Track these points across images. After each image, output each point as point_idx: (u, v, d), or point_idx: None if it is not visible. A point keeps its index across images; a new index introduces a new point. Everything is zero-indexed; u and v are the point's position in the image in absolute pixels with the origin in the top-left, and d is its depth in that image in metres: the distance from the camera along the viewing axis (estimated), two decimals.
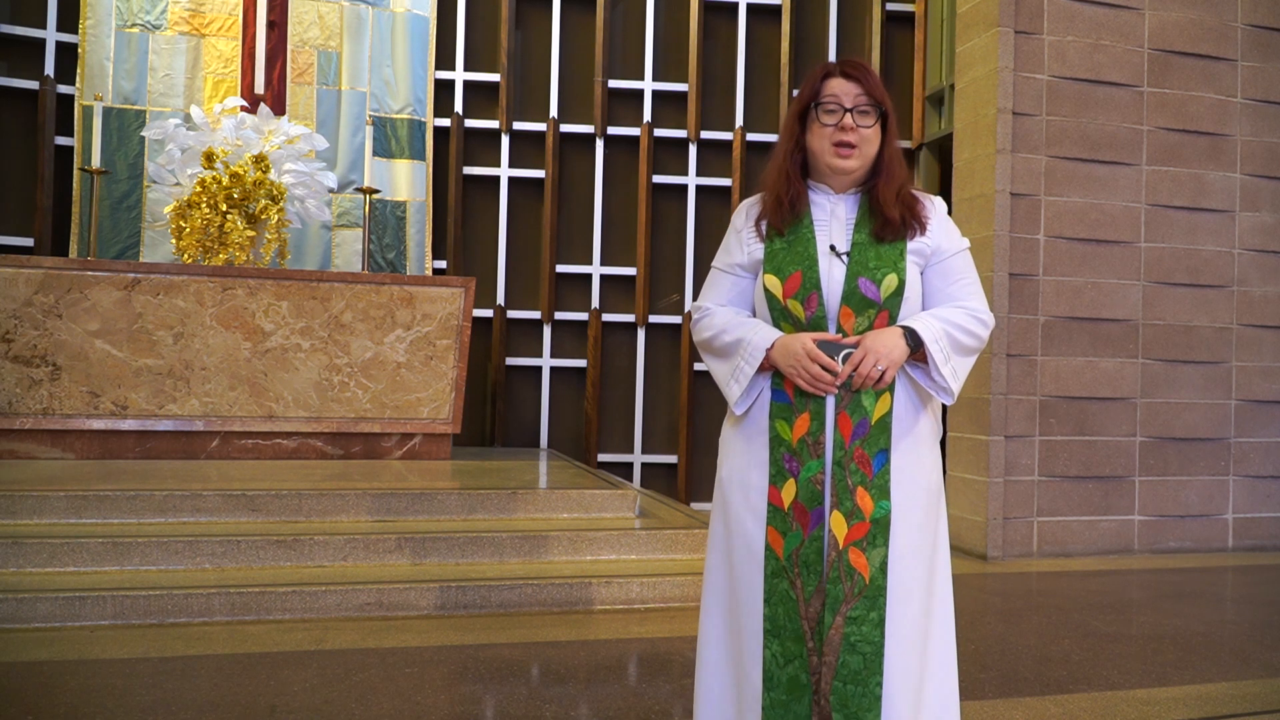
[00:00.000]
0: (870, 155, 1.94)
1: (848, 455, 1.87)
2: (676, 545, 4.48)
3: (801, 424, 1.89)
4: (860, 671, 1.83)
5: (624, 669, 3.40)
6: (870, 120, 1.93)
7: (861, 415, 1.87)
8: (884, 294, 1.89)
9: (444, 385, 5.68)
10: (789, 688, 1.86)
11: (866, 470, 1.87)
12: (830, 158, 1.93)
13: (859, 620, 1.83)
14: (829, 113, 1.93)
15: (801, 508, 1.87)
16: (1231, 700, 3.21)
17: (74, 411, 5.18)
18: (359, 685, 3.08)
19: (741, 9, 7.03)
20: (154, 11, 6.22)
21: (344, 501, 4.44)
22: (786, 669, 1.86)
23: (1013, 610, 4.46)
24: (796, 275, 1.91)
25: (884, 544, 1.85)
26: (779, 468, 1.90)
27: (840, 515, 1.85)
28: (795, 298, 1.91)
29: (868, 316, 1.89)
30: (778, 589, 1.88)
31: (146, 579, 3.83)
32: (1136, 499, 5.90)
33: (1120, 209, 5.90)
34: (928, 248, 1.96)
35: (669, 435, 6.95)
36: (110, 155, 6.04)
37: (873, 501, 1.86)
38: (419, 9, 6.66)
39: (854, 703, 1.82)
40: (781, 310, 1.93)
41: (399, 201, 6.56)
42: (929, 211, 1.98)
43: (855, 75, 1.93)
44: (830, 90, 1.93)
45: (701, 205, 7.03)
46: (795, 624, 1.86)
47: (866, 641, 1.83)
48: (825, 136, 1.93)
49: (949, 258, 1.98)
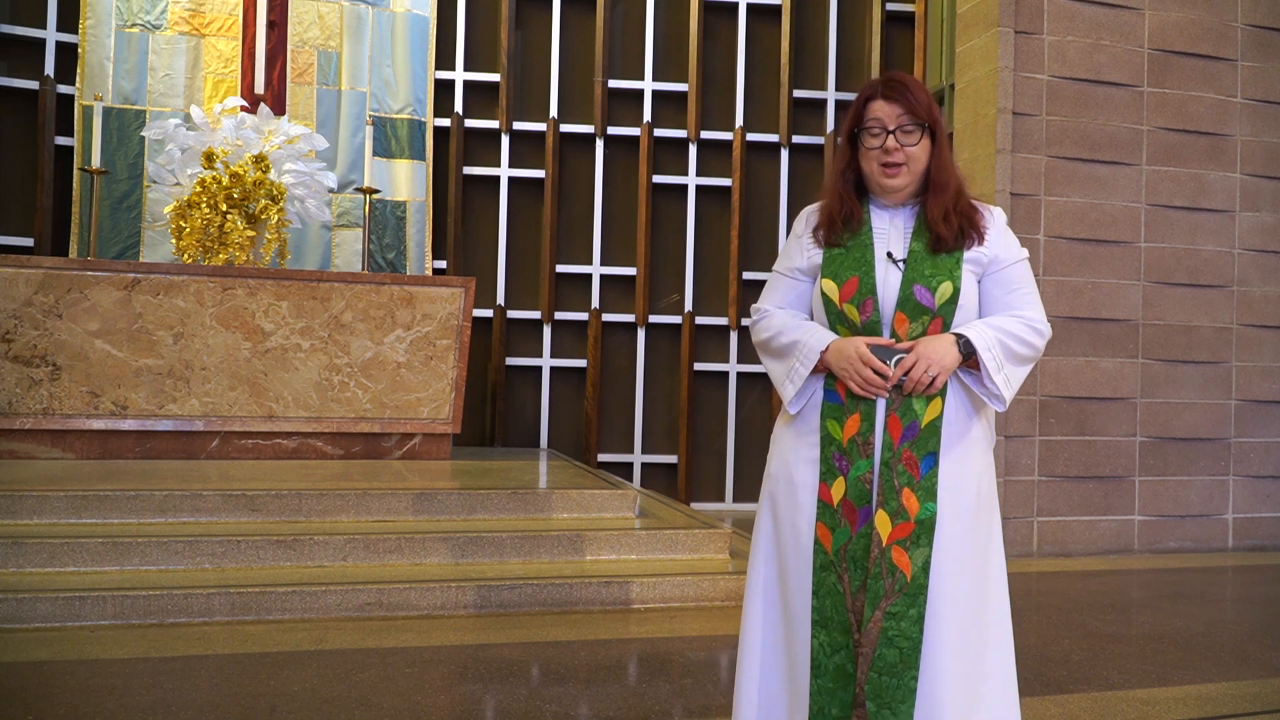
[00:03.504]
0: (919, 171, 1.99)
1: (895, 457, 1.92)
2: (676, 545, 4.48)
3: (852, 424, 1.94)
4: (896, 665, 1.88)
5: (624, 669, 3.40)
6: (915, 138, 1.97)
7: (912, 418, 1.93)
8: (939, 301, 1.94)
9: (444, 385, 5.68)
10: (835, 676, 1.93)
11: (914, 472, 1.92)
12: (879, 178, 1.99)
13: (898, 616, 1.89)
14: (873, 135, 1.98)
15: (850, 505, 1.93)
16: (1231, 700, 3.21)
17: (74, 411, 5.18)
18: (359, 685, 3.08)
19: (741, 9, 7.03)
20: (154, 11, 6.22)
21: (344, 501, 4.44)
22: (833, 658, 1.93)
23: (1013, 610, 4.45)
24: (853, 280, 1.96)
25: (928, 544, 1.90)
26: (829, 465, 1.96)
27: (885, 514, 1.91)
28: (851, 302, 1.96)
29: (922, 323, 1.94)
30: (826, 582, 1.94)
31: (146, 579, 3.83)
32: (1136, 499, 5.90)
33: (1120, 209, 5.90)
34: (985, 257, 2.00)
35: (669, 435, 6.95)
36: (110, 155, 6.04)
37: (918, 503, 1.91)
38: (419, 9, 6.66)
39: (888, 694, 1.88)
40: (838, 314, 1.98)
41: (399, 201, 6.56)
42: (988, 221, 2.02)
43: (895, 95, 1.98)
44: (873, 114, 1.99)
45: (701, 205, 7.03)
46: (842, 616, 1.92)
47: (904, 637, 1.89)
48: (873, 159, 1.99)
49: (1007, 267, 2.02)
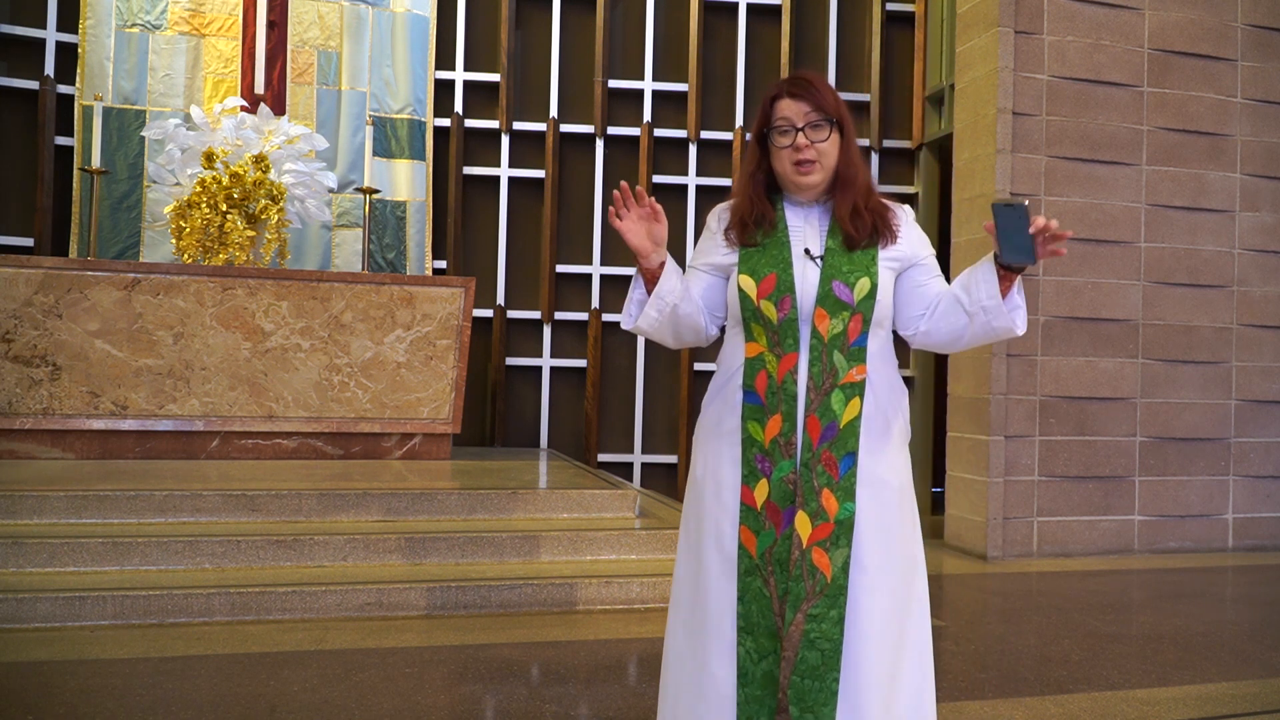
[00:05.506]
0: (831, 166, 1.99)
1: (815, 457, 1.91)
2: (676, 545, 4.47)
3: (774, 425, 1.93)
4: (818, 667, 1.87)
5: (624, 669, 3.40)
6: (824, 134, 1.96)
7: (831, 419, 1.91)
8: (857, 297, 1.92)
9: (444, 385, 5.68)
10: (763, 683, 1.90)
11: (833, 472, 1.91)
12: (793, 176, 1.98)
13: (819, 618, 1.88)
14: (782, 134, 1.97)
15: (774, 507, 1.92)
16: (1231, 700, 3.21)
17: (74, 411, 5.18)
18: (359, 685, 3.08)
19: (741, 9, 7.03)
20: (154, 11, 6.22)
21: (344, 501, 4.44)
22: (760, 665, 1.90)
23: (1013, 610, 4.46)
24: (771, 277, 1.95)
25: (847, 544, 1.90)
26: (751, 468, 1.94)
27: (805, 515, 1.90)
28: (769, 299, 1.94)
29: (842, 319, 1.92)
30: (751, 586, 1.92)
31: (146, 579, 3.83)
32: (1136, 499, 5.90)
33: (1120, 209, 5.90)
34: (903, 254, 2.01)
35: (669, 435, 6.96)
36: (110, 155, 6.04)
37: (838, 503, 1.90)
38: (419, 9, 6.66)
39: (810, 697, 1.87)
40: (754, 311, 1.96)
41: (399, 201, 6.56)
42: (899, 219, 2.03)
43: (801, 93, 1.97)
44: (781, 113, 1.98)
45: (701, 205, 7.03)
46: (769, 621, 1.90)
47: (825, 639, 1.87)
48: (784, 157, 1.98)
49: (925, 259, 2.04)
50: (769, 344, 1.94)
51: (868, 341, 1.95)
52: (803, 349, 1.92)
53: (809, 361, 1.92)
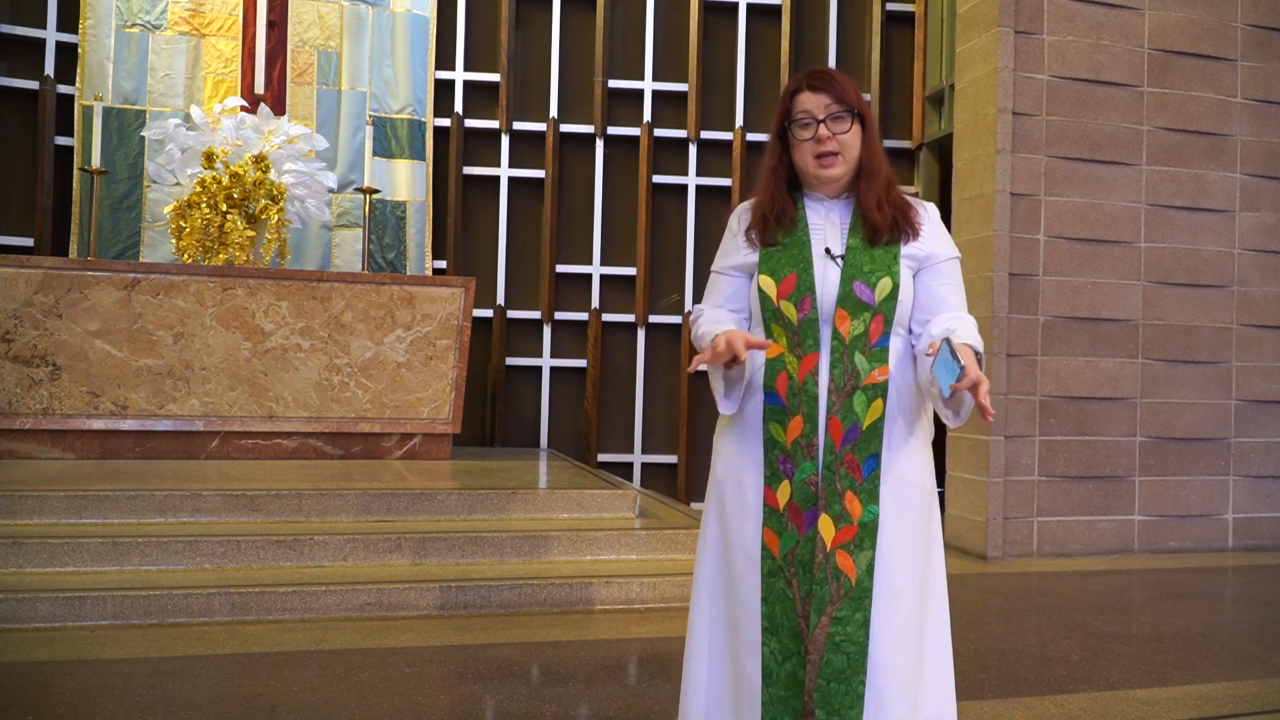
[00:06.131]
0: (854, 159, 1.98)
1: (838, 459, 1.89)
2: (676, 545, 4.48)
3: (795, 426, 1.91)
4: (844, 670, 1.86)
5: (624, 669, 3.40)
6: (846, 125, 1.96)
7: (853, 420, 1.89)
8: (879, 297, 1.91)
9: (444, 385, 5.68)
10: (787, 684, 1.89)
11: (856, 475, 1.89)
12: (815, 170, 1.97)
13: (844, 621, 1.87)
14: (804, 127, 1.96)
15: (796, 509, 1.91)
16: (1231, 700, 3.21)
17: (74, 411, 5.18)
18: (359, 685, 3.08)
19: (741, 9, 7.03)
20: (154, 11, 6.22)
21: (344, 501, 4.44)
22: (784, 665, 1.90)
23: (1013, 610, 4.46)
24: (791, 277, 1.93)
25: (871, 547, 1.88)
26: (774, 469, 1.93)
27: (829, 518, 1.88)
28: (789, 299, 1.93)
29: (863, 320, 1.91)
30: (774, 588, 1.91)
31: (146, 579, 3.83)
32: (1136, 499, 5.90)
33: (1120, 209, 5.90)
34: (921, 252, 1.98)
35: (669, 435, 6.95)
36: (110, 155, 6.04)
37: (861, 505, 1.89)
38: (419, 9, 6.66)
39: (836, 700, 1.86)
40: (774, 312, 1.94)
41: (399, 201, 6.56)
42: (922, 217, 2.01)
43: (821, 86, 1.97)
44: (801, 106, 1.97)
45: (701, 205, 7.03)
46: (792, 622, 1.90)
47: (851, 641, 1.86)
48: (806, 151, 1.97)
49: (942, 262, 2.01)
50: (789, 345, 1.93)
51: (889, 342, 1.93)
52: (823, 350, 1.91)
53: (830, 363, 1.90)
